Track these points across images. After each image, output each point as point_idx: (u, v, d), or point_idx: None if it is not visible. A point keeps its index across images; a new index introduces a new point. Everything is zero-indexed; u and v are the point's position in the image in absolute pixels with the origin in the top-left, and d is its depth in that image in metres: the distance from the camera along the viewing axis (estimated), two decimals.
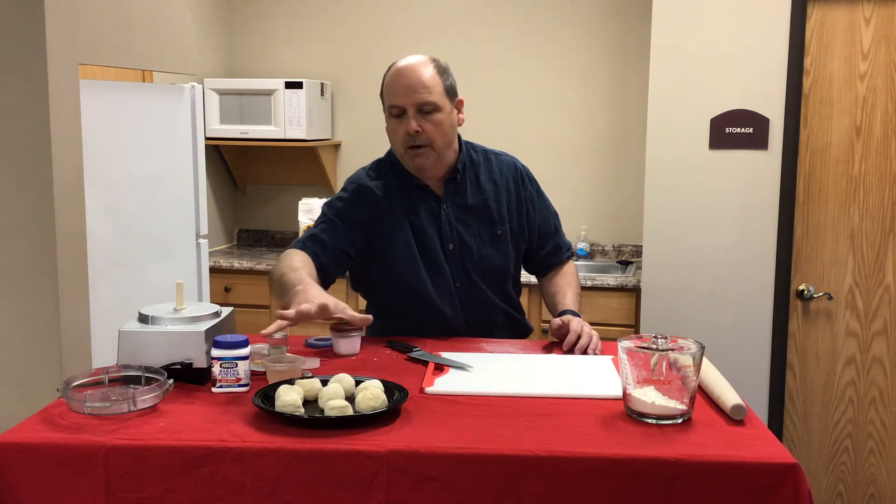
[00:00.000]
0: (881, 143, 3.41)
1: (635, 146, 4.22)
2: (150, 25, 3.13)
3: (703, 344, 1.78)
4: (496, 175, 2.43)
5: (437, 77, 2.28)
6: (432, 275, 2.35)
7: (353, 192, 2.38)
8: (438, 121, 2.27)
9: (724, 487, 1.56)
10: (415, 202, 2.36)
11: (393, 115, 2.30)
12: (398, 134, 2.29)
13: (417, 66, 2.27)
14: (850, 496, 3.58)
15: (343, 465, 1.58)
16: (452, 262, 2.37)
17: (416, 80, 2.25)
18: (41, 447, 1.61)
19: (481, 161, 2.44)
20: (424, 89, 2.25)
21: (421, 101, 2.25)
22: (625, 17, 4.31)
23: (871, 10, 3.36)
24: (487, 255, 2.39)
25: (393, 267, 2.36)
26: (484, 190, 2.40)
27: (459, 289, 2.38)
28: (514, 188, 2.44)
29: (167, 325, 1.93)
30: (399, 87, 2.27)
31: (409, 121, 2.25)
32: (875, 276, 3.46)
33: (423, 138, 2.26)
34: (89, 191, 2.66)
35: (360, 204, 2.35)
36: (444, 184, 2.39)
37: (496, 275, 2.41)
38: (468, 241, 2.37)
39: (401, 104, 2.26)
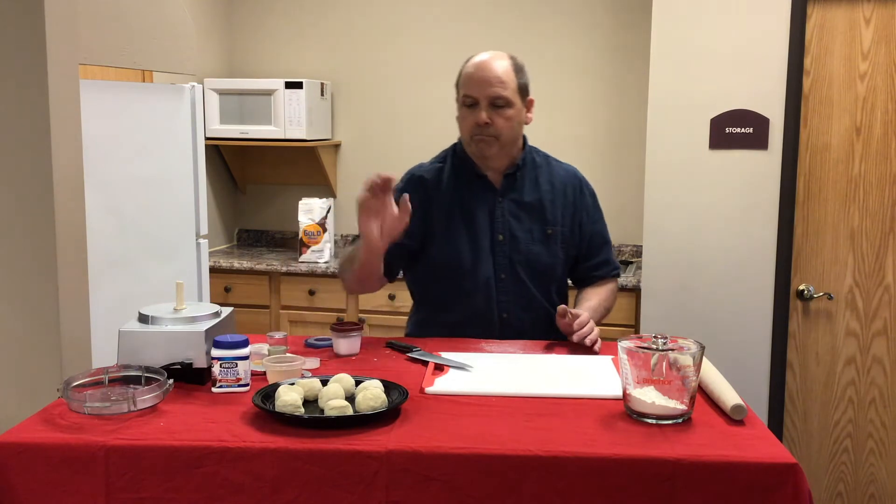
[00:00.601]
0: (881, 143, 3.41)
1: (635, 146, 4.22)
2: (150, 25, 3.14)
3: (703, 344, 1.78)
4: (555, 179, 2.49)
5: (512, 74, 2.36)
6: (475, 262, 2.40)
7: (405, 182, 2.47)
8: (509, 116, 2.35)
9: (724, 487, 1.56)
10: (472, 190, 2.44)
11: (465, 104, 2.38)
12: (467, 122, 2.38)
13: (495, 60, 2.35)
14: (850, 496, 3.58)
15: (343, 465, 1.58)
16: (500, 254, 2.41)
17: (493, 74, 2.33)
18: (41, 447, 1.61)
19: (542, 164, 2.51)
20: (499, 84, 2.32)
21: (495, 94, 2.32)
22: (625, 17, 4.31)
23: (871, 10, 3.36)
24: (536, 252, 2.42)
25: (434, 249, 2.42)
26: (541, 190, 2.46)
27: (503, 280, 2.41)
28: (572, 195, 2.49)
29: (167, 325, 1.93)
30: (475, 80, 2.34)
31: (480, 112, 2.33)
32: (875, 276, 3.46)
33: (492, 130, 2.34)
34: (89, 191, 2.66)
35: (410, 193, 2.35)
36: (504, 178, 2.45)
37: (542, 273, 2.44)
38: (518, 234, 2.41)
39: (475, 95, 2.34)
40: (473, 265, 2.40)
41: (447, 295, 2.44)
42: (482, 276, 2.40)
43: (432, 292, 2.49)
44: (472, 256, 2.40)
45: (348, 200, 4.73)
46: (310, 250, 4.28)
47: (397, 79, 4.61)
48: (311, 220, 4.30)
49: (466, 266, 2.40)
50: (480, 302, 2.40)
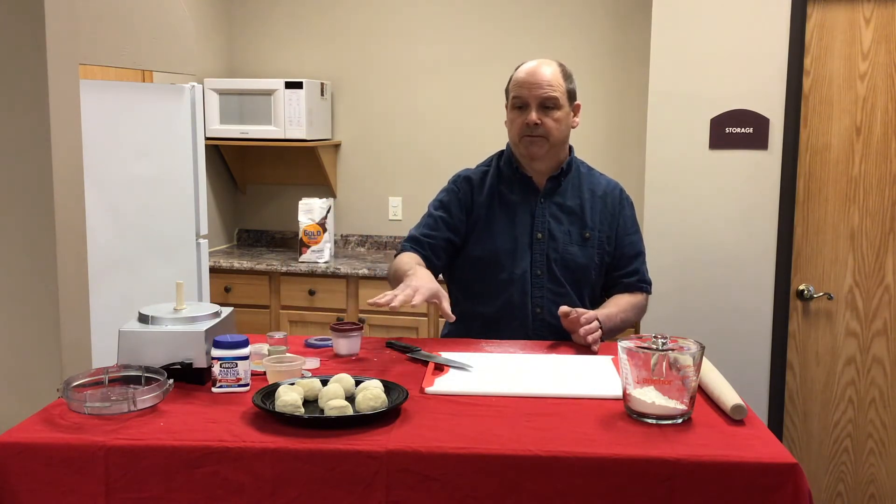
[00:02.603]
0: (881, 143, 3.41)
1: (635, 146, 4.22)
2: (150, 25, 3.13)
3: (703, 344, 1.78)
4: (596, 187, 2.58)
5: (561, 78, 2.47)
6: (513, 256, 2.48)
7: (452, 183, 2.60)
8: (557, 117, 2.45)
9: (724, 487, 1.56)
10: (516, 190, 2.54)
11: (515, 106, 2.48)
12: (517, 124, 2.47)
13: (545, 66, 2.47)
14: (850, 496, 3.58)
15: (343, 465, 1.58)
16: (538, 251, 2.49)
17: (543, 77, 2.44)
18: (41, 447, 1.61)
19: (586, 173, 2.61)
20: (549, 86, 2.44)
21: (544, 95, 2.43)
22: (625, 17, 4.31)
23: (871, 10, 3.36)
24: (571, 253, 2.50)
25: (475, 243, 2.52)
26: (582, 196, 2.55)
27: (539, 277, 2.48)
28: (612, 205, 2.57)
29: (167, 325, 1.93)
30: (526, 83, 2.45)
31: (530, 112, 2.44)
32: (875, 276, 3.46)
33: (541, 130, 2.44)
34: (89, 191, 2.66)
35: (457, 192, 2.56)
36: (548, 180, 2.54)
37: (577, 273, 2.51)
38: (557, 235, 2.50)
39: (525, 97, 2.45)
40: (511, 259, 2.48)
41: (485, 287, 2.51)
42: (519, 271, 2.48)
43: (471, 285, 2.55)
44: (510, 251, 2.49)
45: (348, 200, 4.73)
46: (310, 250, 4.29)
47: (397, 79, 4.61)
48: (311, 220, 4.30)
49: (504, 260, 2.49)
50: (516, 295, 2.47)
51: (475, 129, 4.51)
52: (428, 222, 2.55)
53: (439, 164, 4.55)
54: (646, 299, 2.63)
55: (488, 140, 4.71)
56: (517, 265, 2.47)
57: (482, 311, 2.51)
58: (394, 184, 4.69)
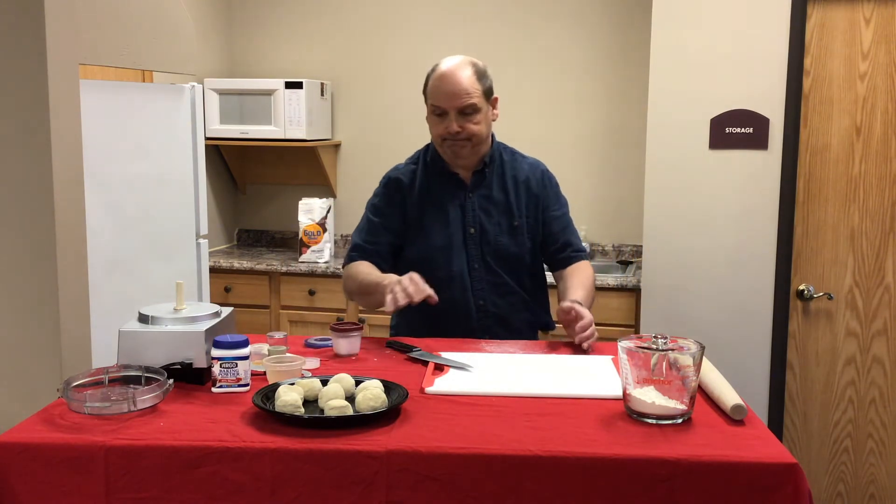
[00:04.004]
0: (881, 143, 3.41)
1: (635, 146, 4.22)
2: (150, 25, 3.13)
3: (703, 344, 1.78)
4: (519, 173, 2.60)
5: (476, 81, 2.47)
6: (449, 254, 2.53)
7: (384, 186, 2.63)
8: (477, 121, 2.47)
9: (724, 487, 1.56)
10: (444, 188, 2.57)
11: (435, 113, 2.50)
12: (438, 129, 2.50)
13: (459, 71, 2.45)
14: (850, 496, 3.58)
15: (343, 465, 1.58)
16: (472, 245, 2.54)
17: (458, 85, 2.44)
18: (41, 447, 1.62)
19: (508, 160, 2.62)
20: (466, 94, 2.44)
21: (462, 104, 2.44)
22: (625, 16, 4.31)
23: (871, 10, 3.36)
24: (504, 243, 2.54)
25: (411, 244, 2.56)
26: (507, 185, 2.58)
27: (476, 270, 2.53)
28: (536, 187, 2.60)
29: (167, 325, 1.93)
30: (442, 91, 2.45)
31: (451, 122, 2.45)
32: (875, 276, 3.46)
33: (464, 134, 2.47)
34: (89, 191, 2.66)
35: (390, 195, 2.59)
36: (473, 175, 2.57)
37: (511, 262, 2.55)
38: (488, 227, 2.54)
39: (443, 106, 2.46)
40: (448, 257, 2.53)
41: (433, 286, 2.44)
42: (456, 267, 2.52)
43: None
44: (446, 249, 2.53)
45: (348, 200, 4.73)
46: (310, 250, 4.29)
47: (397, 79, 4.61)
48: (311, 220, 4.30)
49: (441, 258, 2.52)
50: (457, 291, 2.51)
51: None
52: (369, 228, 2.58)
53: None
54: (588, 264, 2.65)
55: None
56: (454, 261, 2.52)
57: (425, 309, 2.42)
58: None
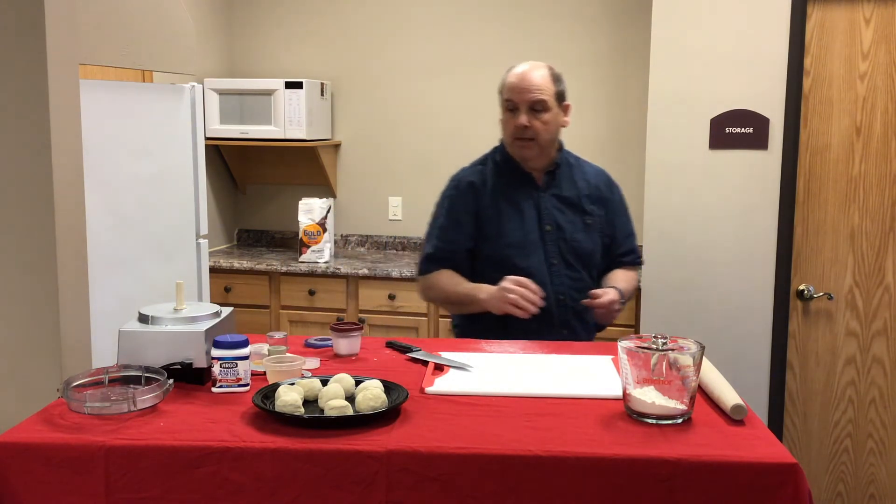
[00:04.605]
0: (881, 143, 3.41)
1: (635, 146, 4.22)
2: (150, 25, 3.13)
3: (703, 344, 1.78)
4: (588, 176, 2.73)
5: (549, 82, 2.58)
6: (527, 251, 2.59)
7: (454, 188, 2.68)
8: (546, 119, 2.56)
9: (724, 487, 1.56)
10: (517, 187, 2.64)
11: (507, 108, 2.60)
12: (509, 125, 2.60)
13: (534, 69, 2.58)
14: (850, 496, 3.58)
15: (343, 465, 1.58)
16: (549, 242, 2.61)
17: (532, 81, 2.56)
18: (41, 447, 1.62)
19: (575, 164, 2.74)
20: (538, 90, 2.55)
21: (533, 99, 2.54)
22: (625, 16, 4.31)
23: (871, 10, 3.36)
24: (579, 240, 2.63)
25: (489, 243, 2.60)
26: (577, 185, 2.68)
27: (555, 266, 2.59)
28: (605, 191, 2.72)
29: (167, 325, 1.93)
30: (516, 86, 2.57)
31: (520, 115, 2.54)
32: (875, 276, 3.46)
33: (530, 132, 2.55)
34: (89, 191, 2.66)
35: (463, 196, 2.64)
36: (545, 175, 2.65)
37: (586, 259, 2.65)
38: (563, 224, 2.62)
39: (515, 100, 2.56)
40: (525, 254, 2.58)
41: None
42: (535, 263, 2.57)
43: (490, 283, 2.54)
44: (523, 246, 2.59)
45: (348, 200, 4.73)
46: (310, 250, 4.29)
47: (397, 79, 4.61)
48: (311, 220, 4.30)
49: (519, 255, 2.58)
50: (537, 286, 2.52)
51: (475, 129, 4.50)
52: (441, 234, 2.65)
53: (439, 164, 4.54)
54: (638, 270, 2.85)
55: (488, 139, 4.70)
56: (532, 257, 2.57)
57: None
58: (394, 184, 4.69)
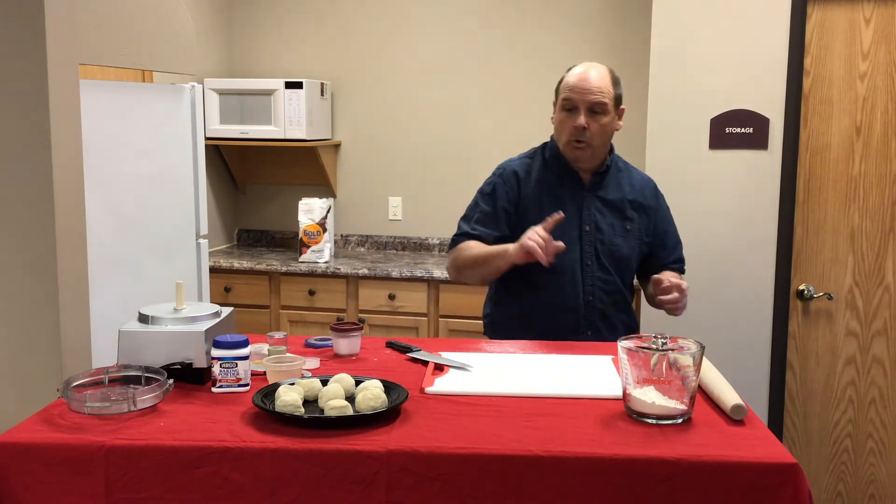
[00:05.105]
0: (881, 143, 3.41)
1: (635, 146, 4.22)
2: (150, 25, 3.13)
3: (703, 344, 1.78)
4: (635, 183, 2.72)
5: (610, 84, 2.56)
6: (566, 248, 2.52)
7: (499, 176, 2.67)
8: (604, 122, 2.54)
9: (724, 487, 1.56)
10: (563, 184, 2.63)
11: (565, 108, 2.56)
12: (566, 126, 2.56)
13: (596, 71, 2.57)
14: (850, 496, 3.58)
15: (343, 465, 1.58)
16: (587, 242, 2.60)
17: (593, 83, 2.53)
18: (41, 447, 1.62)
19: (624, 169, 2.73)
20: (599, 92, 2.53)
21: (594, 101, 2.52)
22: (625, 16, 4.31)
23: (871, 10, 3.36)
24: (616, 244, 2.62)
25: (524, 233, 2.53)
26: (622, 190, 2.67)
27: (589, 267, 2.59)
28: (650, 199, 2.71)
29: (167, 325, 1.93)
30: (578, 87, 2.54)
31: (579, 116, 2.52)
32: (875, 276, 3.46)
33: (587, 135, 2.53)
34: (89, 191, 2.66)
35: (506, 185, 2.63)
36: (592, 176, 2.64)
37: (621, 263, 2.63)
38: (603, 227, 2.62)
39: (575, 100, 2.53)
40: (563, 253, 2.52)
41: (536, 277, 2.55)
42: (569, 261, 2.56)
43: (522, 275, 2.55)
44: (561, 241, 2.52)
45: (348, 200, 4.73)
46: (310, 250, 4.29)
47: (397, 79, 4.61)
48: (311, 220, 4.30)
49: None
50: (567, 284, 2.56)
51: (475, 129, 4.51)
52: (477, 217, 2.63)
53: (439, 164, 4.55)
54: None
55: (488, 139, 4.72)
56: (567, 255, 2.54)
57: (532, 299, 2.58)
58: (394, 184, 4.69)
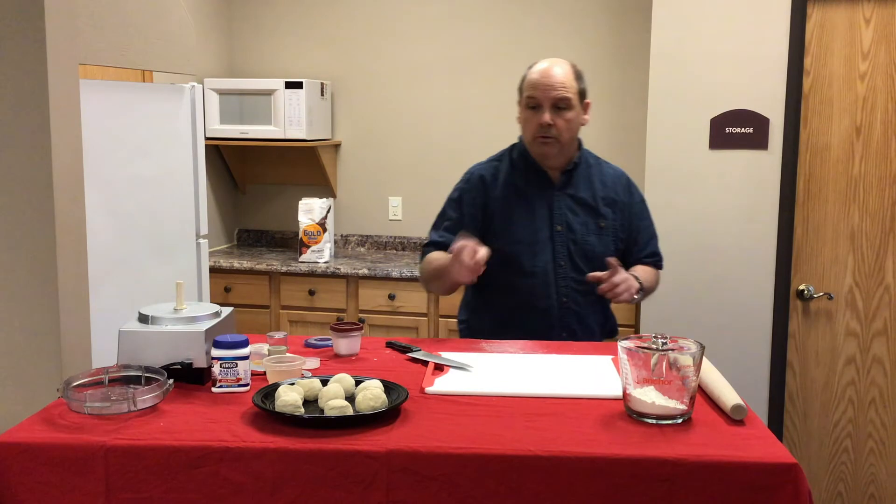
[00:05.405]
0: (881, 143, 3.41)
1: (635, 146, 4.22)
2: (150, 25, 3.13)
3: (703, 344, 1.78)
4: (606, 178, 2.67)
5: (573, 79, 2.54)
6: (535, 249, 2.55)
7: (466, 182, 2.66)
8: (569, 118, 2.52)
9: (724, 487, 1.56)
10: (532, 185, 2.60)
11: (529, 106, 2.55)
12: (531, 124, 2.54)
13: (558, 66, 2.54)
14: (850, 496, 3.58)
15: (343, 465, 1.58)
16: (559, 243, 2.57)
17: (556, 78, 2.51)
18: (41, 447, 1.62)
19: (594, 164, 2.69)
20: (562, 87, 2.50)
21: (557, 96, 2.49)
22: (625, 16, 4.31)
23: (871, 10, 3.36)
24: (590, 243, 2.58)
25: (497, 238, 2.55)
26: (593, 187, 2.63)
27: (562, 267, 2.55)
28: (622, 193, 2.67)
29: (167, 325, 1.93)
30: (540, 84, 2.51)
31: (543, 113, 2.50)
32: (875, 276, 3.46)
33: (553, 131, 2.50)
34: (89, 191, 2.66)
35: (472, 190, 2.61)
36: (561, 174, 2.61)
37: (596, 262, 2.56)
38: (575, 226, 2.58)
39: (539, 97, 2.51)
40: (533, 252, 2.55)
41: (508, 279, 2.55)
42: (541, 263, 2.54)
43: (493, 278, 2.54)
44: (531, 244, 2.56)
45: (348, 200, 4.73)
46: (310, 250, 4.29)
47: (397, 79, 4.61)
48: (311, 220, 4.30)
49: (526, 253, 2.54)
50: (540, 286, 2.53)
51: (475, 129, 4.51)
52: (446, 225, 2.62)
53: (439, 164, 4.55)
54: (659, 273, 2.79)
55: (488, 139, 4.70)
56: (539, 257, 2.54)
57: (506, 303, 2.56)
58: (394, 184, 4.69)
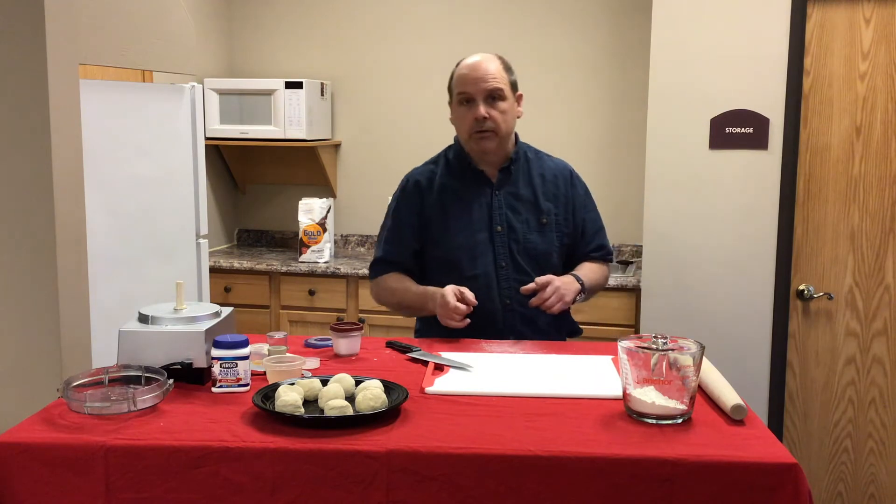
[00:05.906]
0: (881, 143, 3.41)
1: (635, 146, 4.22)
2: (150, 25, 3.14)
3: (703, 344, 1.78)
4: (546, 172, 2.61)
5: (503, 70, 2.51)
6: (475, 252, 2.50)
7: (401, 190, 2.63)
8: (504, 109, 2.48)
9: (724, 487, 1.56)
10: (469, 185, 2.55)
11: (461, 102, 2.50)
12: (466, 120, 2.49)
13: (487, 59, 2.51)
14: (850, 496, 3.58)
15: (343, 465, 1.58)
16: (499, 244, 2.51)
17: (486, 71, 2.47)
18: (41, 447, 1.62)
19: (534, 158, 2.62)
20: (493, 79, 2.46)
21: (490, 88, 2.46)
22: (625, 16, 4.31)
23: (871, 10, 3.36)
24: (532, 241, 2.52)
25: (435, 245, 2.53)
26: (533, 182, 2.57)
27: (504, 269, 2.50)
28: (563, 186, 2.60)
29: (167, 325, 1.93)
30: (470, 77, 2.48)
31: (478, 107, 2.45)
32: (875, 276, 3.46)
33: (489, 124, 2.46)
34: (89, 191, 2.66)
35: (408, 197, 2.58)
36: (499, 172, 2.55)
37: (540, 260, 2.52)
38: (516, 225, 2.52)
39: (471, 91, 2.47)
40: (473, 256, 2.50)
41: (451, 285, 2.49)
42: (482, 266, 2.49)
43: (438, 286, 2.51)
44: (471, 248, 2.50)
45: (348, 200, 4.73)
46: (310, 250, 4.29)
47: (397, 79, 4.61)
48: (311, 220, 4.30)
49: (466, 257, 2.49)
50: (482, 291, 2.45)
51: None
52: (389, 236, 2.60)
53: None
54: (607, 266, 2.72)
55: None
56: (480, 260, 2.49)
57: None
58: (394, 184, 4.66)
